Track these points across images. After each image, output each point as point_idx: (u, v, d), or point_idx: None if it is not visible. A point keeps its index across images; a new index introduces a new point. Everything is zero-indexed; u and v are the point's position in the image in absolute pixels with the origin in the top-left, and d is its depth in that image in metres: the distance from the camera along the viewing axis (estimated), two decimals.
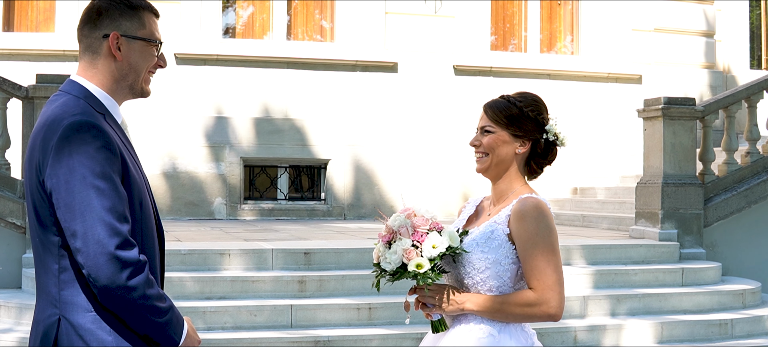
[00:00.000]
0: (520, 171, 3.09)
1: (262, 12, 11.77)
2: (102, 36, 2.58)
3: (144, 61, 2.61)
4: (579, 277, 7.75)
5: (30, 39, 10.74)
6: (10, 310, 6.99)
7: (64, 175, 2.36)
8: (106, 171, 2.38)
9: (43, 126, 2.46)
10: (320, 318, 6.91)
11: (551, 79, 12.24)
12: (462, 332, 2.98)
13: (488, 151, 3.06)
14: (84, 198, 2.35)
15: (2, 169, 7.95)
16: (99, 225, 2.34)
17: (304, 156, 11.38)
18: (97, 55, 2.59)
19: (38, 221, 2.46)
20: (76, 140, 2.37)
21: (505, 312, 2.93)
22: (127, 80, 2.60)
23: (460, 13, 11.89)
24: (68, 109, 2.45)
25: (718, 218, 8.93)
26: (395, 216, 3.00)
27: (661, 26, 12.63)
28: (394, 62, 11.66)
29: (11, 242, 7.75)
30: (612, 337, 7.18)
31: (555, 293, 2.90)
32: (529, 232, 2.92)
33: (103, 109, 2.53)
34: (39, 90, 7.79)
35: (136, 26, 2.59)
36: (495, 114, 3.05)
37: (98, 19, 2.59)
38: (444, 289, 2.98)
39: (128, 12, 2.59)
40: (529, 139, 3.07)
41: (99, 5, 2.61)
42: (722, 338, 7.43)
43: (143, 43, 2.59)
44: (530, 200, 2.97)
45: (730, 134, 9.20)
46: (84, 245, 2.34)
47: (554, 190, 11.99)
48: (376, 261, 3.03)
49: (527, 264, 2.92)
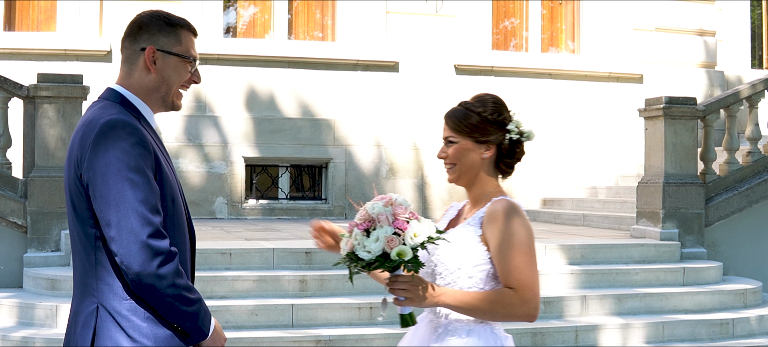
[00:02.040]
0: (490, 174, 3.09)
1: (264, 11, 11.77)
2: (140, 49, 2.72)
3: (177, 76, 2.76)
4: (580, 276, 7.75)
5: (31, 38, 10.74)
6: (12, 310, 6.99)
7: (100, 168, 2.50)
8: (140, 166, 2.52)
9: (82, 126, 2.62)
10: (321, 317, 6.91)
11: (552, 79, 12.24)
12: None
13: (455, 161, 3.08)
14: (119, 190, 2.48)
15: (3, 168, 7.95)
16: (132, 215, 2.47)
17: (305, 155, 11.38)
18: (134, 66, 2.73)
19: (76, 216, 2.61)
20: (112, 137, 2.52)
21: (482, 310, 2.92)
22: (160, 93, 2.74)
23: (461, 12, 11.89)
24: (105, 111, 2.62)
25: (719, 218, 8.93)
26: (373, 203, 2.92)
27: (663, 26, 12.62)
28: (396, 62, 11.65)
29: (12, 241, 7.75)
30: (613, 337, 7.17)
31: (534, 293, 2.91)
32: (504, 233, 2.93)
33: (138, 113, 2.69)
34: (40, 89, 7.79)
35: (173, 42, 2.73)
36: (455, 124, 3.06)
37: (138, 33, 2.73)
38: (420, 282, 2.92)
39: (166, 28, 2.73)
40: (493, 142, 3.07)
41: (140, 20, 2.75)
42: (723, 338, 7.43)
43: (178, 59, 2.74)
44: (502, 202, 2.99)
45: (732, 133, 9.19)
46: (118, 234, 2.47)
47: (555, 189, 11.99)
48: (348, 251, 2.92)
49: (504, 265, 2.92)
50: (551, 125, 12.11)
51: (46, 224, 7.74)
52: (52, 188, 7.73)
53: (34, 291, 7.34)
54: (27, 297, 7.14)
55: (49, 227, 7.74)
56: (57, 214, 7.75)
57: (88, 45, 10.64)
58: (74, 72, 8.83)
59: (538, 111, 12.12)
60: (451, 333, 2.99)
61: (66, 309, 6.74)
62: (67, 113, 7.80)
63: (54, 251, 7.70)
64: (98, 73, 10.56)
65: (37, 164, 7.80)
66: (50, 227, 7.74)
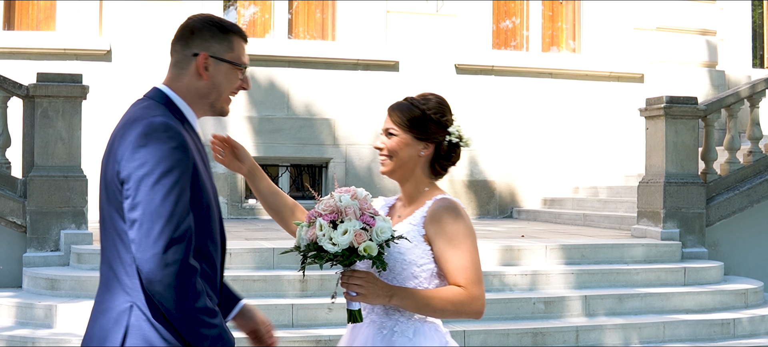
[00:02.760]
0: (424, 173, 3.09)
1: (264, 11, 11.75)
2: (192, 54, 2.70)
3: (228, 83, 2.74)
4: (581, 276, 7.73)
5: (31, 37, 10.73)
6: (11, 309, 6.97)
7: (136, 168, 2.48)
8: (175, 171, 2.50)
9: (125, 124, 2.60)
10: (321, 317, 6.90)
11: (553, 78, 12.22)
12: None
13: (392, 154, 3.09)
14: (148, 193, 2.46)
15: (2, 168, 7.93)
16: (156, 221, 2.44)
17: (305, 155, 11.37)
18: (184, 70, 2.71)
19: (113, 211, 2.57)
20: (153, 138, 2.50)
21: (433, 308, 2.93)
22: (210, 99, 2.73)
23: (461, 11, 11.87)
24: (149, 111, 2.59)
25: (720, 218, 8.91)
26: (340, 195, 2.86)
27: (664, 25, 12.60)
28: (396, 61, 11.64)
29: (11, 241, 7.73)
30: (614, 337, 7.16)
31: (481, 291, 2.94)
32: (449, 232, 2.93)
33: (182, 117, 2.67)
34: (39, 89, 7.77)
35: (225, 49, 2.71)
36: (398, 117, 3.05)
37: (190, 38, 2.71)
38: (374, 279, 2.90)
39: (219, 35, 2.71)
40: (433, 141, 3.06)
41: (192, 25, 2.73)
42: (724, 338, 7.41)
43: (230, 66, 2.72)
44: (444, 201, 2.99)
45: (733, 133, 9.18)
46: (138, 236, 2.45)
47: (555, 189, 11.97)
48: (311, 241, 2.83)
49: (450, 264, 2.93)
50: (552, 125, 12.10)
51: (45, 224, 7.72)
52: (51, 188, 7.72)
53: (34, 291, 7.32)
54: (26, 297, 7.12)
55: (48, 227, 7.72)
56: (56, 214, 7.73)
57: (87, 44, 10.63)
58: (74, 71, 8.82)
59: (538, 111, 12.11)
60: (397, 334, 2.97)
61: (65, 309, 6.72)
62: (66, 112, 7.79)
63: (53, 251, 7.68)
64: (98, 73, 10.55)
65: (36, 163, 7.78)
66: (49, 226, 7.72)
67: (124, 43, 10.80)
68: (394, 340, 2.95)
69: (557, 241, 8.22)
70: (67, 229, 7.70)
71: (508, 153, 11.88)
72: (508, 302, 7.27)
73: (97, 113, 10.54)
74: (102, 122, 10.61)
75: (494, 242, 8.08)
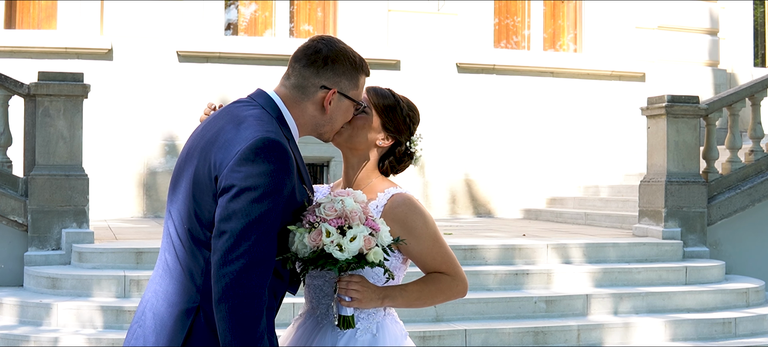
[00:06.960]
0: (374, 164, 3.03)
1: (265, 9, 11.75)
2: (321, 86, 2.66)
3: (343, 119, 2.75)
4: (582, 275, 7.73)
5: (32, 36, 10.73)
6: (13, 308, 6.97)
7: (239, 180, 2.42)
8: (276, 193, 2.45)
9: (229, 122, 2.55)
10: None
11: (554, 77, 12.22)
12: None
13: (353, 127, 2.98)
14: (245, 208, 2.41)
15: (4, 167, 7.93)
16: (242, 241, 2.40)
17: (306, 154, 11.29)
18: (306, 97, 2.67)
19: (197, 212, 2.52)
20: (262, 155, 2.45)
21: (424, 299, 2.96)
22: (322, 129, 2.73)
23: (463, 10, 11.87)
24: (263, 123, 2.53)
25: (721, 217, 8.90)
26: (343, 199, 2.70)
27: (665, 24, 12.59)
28: (397, 60, 11.63)
29: (13, 239, 7.73)
30: (615, 336, 7.15)
31: (461, 270, 2.99)
32: (417, 230, 2.89)
33: (289, 134, 2.63)
34: (41, 88, 7.77)
35: (352, 86, 2.72)
36: (374, 98, 3.03)
37: (323, 68, 2.66)
38: (368, 283, 2.85)
39: (350, 71, 2.70)
40: (393, 137, 3.03)
41: (328, 54, 2.67)
42: (726, 337, 7.41)
43: (350, 102, 2.73)
44: (401, 196, 2.93)
45: (734, 132, 9.17)
46: (220, 250, 2.40)
47: (557, 188, 11.97)
48: (317, 248, 2.64)
49: (428, 257, 2.92)
50: (553, 124, 12.09)
51: (46, 223, 7.72)
52: (52, 187, 7.72)
53: (35, 290, 7.32)
54: (27, 296, 7.12)
55: (49, 226, 7.72)
56: (58, 212, 7.73)
57: (89, 43, 10.63)
58: (75, 70, 8.81)
59: (540, 110, 12.11)
60: (360, 332, 2.91)
61: (66, 308, 6.72)
62: (67, 111, 7.78)
63: (55, 250, 7.68)
64: (99, 72, 10.56)
65: (37, 162, 7.78)
66: (51, 225, 7.72)
67: (125, 42, 10.81)
68: (359, 339, 2.89)
69: (558, 240, 8.22)
70: (69, 228, 7.70)
71: (509, 152, 11.87)
72: (509, 301, 7.27)
73: (99, 112, 10.54)
74: (103, 121, 10.62)
75: (495, 240, 8.07)
